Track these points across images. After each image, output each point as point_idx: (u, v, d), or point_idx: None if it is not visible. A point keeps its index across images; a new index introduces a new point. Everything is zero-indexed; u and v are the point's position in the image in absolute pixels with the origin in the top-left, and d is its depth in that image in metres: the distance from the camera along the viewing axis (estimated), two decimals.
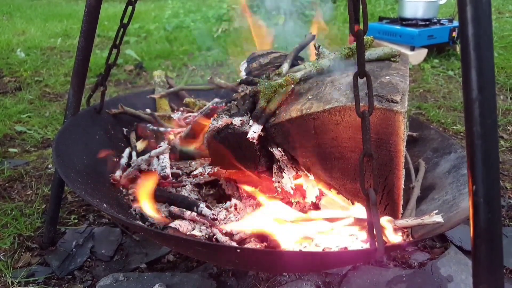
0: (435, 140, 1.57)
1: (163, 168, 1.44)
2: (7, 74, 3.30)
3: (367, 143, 0.83)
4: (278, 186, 1.22)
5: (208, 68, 3.72)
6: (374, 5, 5.76)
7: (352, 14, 0.82)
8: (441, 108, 2.68)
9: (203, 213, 1.24)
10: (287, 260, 0.99)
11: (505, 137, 2.26)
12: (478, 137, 0.71)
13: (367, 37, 1.40)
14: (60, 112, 2.62)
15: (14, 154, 2.11)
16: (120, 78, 3.42)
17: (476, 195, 0.73)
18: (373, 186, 0.85)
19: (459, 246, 1.40)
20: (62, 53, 4.05)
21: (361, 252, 1.03)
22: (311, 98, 1.19)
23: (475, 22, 0.70)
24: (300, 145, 1.18)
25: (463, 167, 1.34)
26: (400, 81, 1.17)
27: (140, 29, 5.02)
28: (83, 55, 1.38)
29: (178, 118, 1.76)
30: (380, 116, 1.05)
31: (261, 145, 1.24)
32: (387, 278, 1.26)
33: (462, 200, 1.17)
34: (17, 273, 1.31)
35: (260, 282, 1.26)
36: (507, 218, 1.59)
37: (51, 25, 5.19)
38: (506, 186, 1.80)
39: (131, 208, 1.33)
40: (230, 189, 1.43)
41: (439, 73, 3.32)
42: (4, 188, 1.80)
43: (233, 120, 1.23)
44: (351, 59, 1.36)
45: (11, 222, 1.55)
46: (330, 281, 1.27)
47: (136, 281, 1.24)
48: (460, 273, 1.26)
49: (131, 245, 1.45)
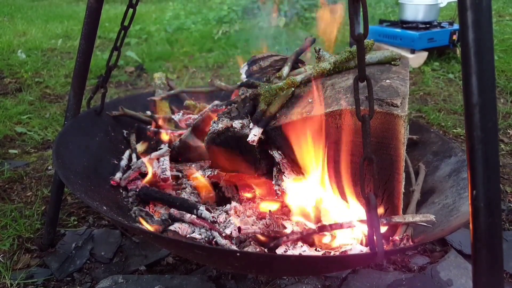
0: (435, 143, 1.57)
1: (163, 171, 1.44)
2: (8, 75, 3.30)
3: (368, 147, 0.83)
4: (278, 189, 1.22)
5: (209, 70, 3.73)
6: (374, 8, 5.76)
7: (353, 17, 0.83)
8: (441, 111, 2.68)
9: (203, 216, 1.24)
10: (286, 264, 0.98)
11: (506, 141, 2.26)
12: (479, 142, 0.71)
13: (367, 41, 1.40)
14: (60, 113, 2.62)
15: (14, 155, 2.11)
16: (120, 79, 3.43)
17: (476, 200, 0.73)
18: (373, 190, 0.85)
19: (459, 250, 1.40)
20: (62, 55, 4.05)
21: (361, 256, 1.03)
22: (311, 101, 1.19)
23: (476, 26, 0.70)
24: (300, 148, 1.18)
25: (463, 170, 1.34)
26: (401, 85, 1.17)
27: (141, 31, 5.03)
28: (84, 57, 1.38)
29: (179, 119, 1.76)
30: (381, 120, 1.05)
31: (261, 148, 1.24)
32: (387, 282, 1.25)
33: (462, 204, 1.17)
34: (16, 275, 1.31)
35: (260, 285, 1.26)
36: (507, 222, 1.59)
37: (52, 26, 5.20)
38: (507, 190, 1.80)
39: (130, 210, 1.33)
40: (230, 192, 1.43)
41: (440, 76, 3.33)
42: (4, 189, 1.80)
43: (233, 123, 1.23)
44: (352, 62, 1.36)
45: (11, 223, 1.55)
46: (329, 284, 1.27)
47: (136, 283, 1.23)
48: (460, 277, 1.26)
49: (130, 247, 1.45)
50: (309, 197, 1.23)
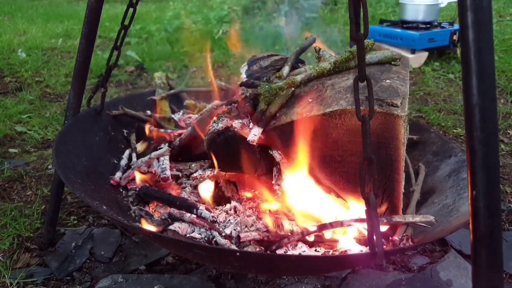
0: (435, 143, 1.57)
1: (163, 170, 1.44)
2: (8, 74, 3.30)
3: (367, 147, 0.83)
4: (278, 189, 1.22)
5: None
6: (375, 8, 5.76)
7: (353, 17, 0.82)
8: (441, 111, 2.68)
9: (203, 216, 1.24)
10: (286, 263, 0.99)
11: (506, 141, 2.26)
12: (479, 142, 0.71)
13: (367, 41, 1.40)
14: (60, 112, 2.62)
15: (14, 155, 2.11)
16: (121, 79, 3.42)
17: (476, 200, 0.73)
18: (373, 190, 0.85)
19: (459, 250, 1.40)
20: (63, 54, 4.05)
21: (360, 256, 1.03)
22: (311, 101, 1.19)
23: (476, 27, 0.70)
24: (300, 148, 1.18)
25: (463, 171, 1.34)
26: (401, 85, 1.17)
27: (141, 30, 5.03)
28: (84, 56, 1.38)
29: (179, 118, 1.76)
30: (381, 120, 1.05)
31: (261, 148, 1.24)
32: (387, 282, 1.25)
33: (462, 204, 1.17)
34: (16, 274, 1.31)
35: (260, 285, 1.26)
36: (507, 222, 1.59)
37: (52, 25, 5.20)
38: (507, 190, 1.80)
39: (130, 209, 1.33)
40: (229, 191, 1.43)
41: (440, 76, 3.33)
42: (4, 188, 1.80)
43: (233, 123, 1.23)
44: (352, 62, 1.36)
45: (11, 222, 1.55)
46: (329, 284, 1.27)
47: (135, 282, 1.23)
48: (460, 277, 1.26)
49: (130, 246, 1.45)
50: (309, 197, 1.24)
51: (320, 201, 1.24)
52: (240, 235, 1.12)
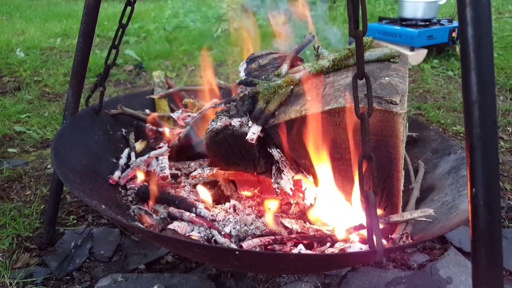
0: (434, 141, 1.57)
1: (162, 169, 1.44)
2: (7, 74, 3.30)
3: (367, 145, 0.83)
4: (277, 187, 1.22)
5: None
6: (373, 5, 5.76)
7: (352, 15, 0.82)
8: (440, 108, 2.68)
9: (202, 215, 1.24)
10: (286, 262, 0.98)
11: (505, 138, 2.26)
12: (478, 139, 0.71)
13: (366, 38, 1.39)
14: (59, 112, 2.62)
15: (13, 154, 2.11)
16: (119, 78, 3.42)
17: (476, 197, 0.72)
18: (372, 188, 0.85)
19: (459, 248, 1.40)
20: (61, 53, 4.05)
21: (360, 254, 1.03)
22: (310, 99, 1.19)
23: (475, 23, 0.69)
24: (299, 146, 1.17)
25: (463, 168, 1.34)
26: (400, 82, 1.17)
27: (140, 29, 5.02)
28: (82, 55, 1.38)
29: (178, 117, 1.75)
30: (380, 118, 1.05)
31: (260, 146, 1.24)
32: (387, 280, 1.25)
33: (461, 201, 1.17)
34: (16, 274, 1.31)
35: (259, 284, 1.26)
36: (507, 219, 1.59)
37: (50, 25, 5.19)
38: (506, 187, 1.80)
39: (129, 209, 1.33)
40: (229, 190, 1.43)
41: (439, 74, 3.32)
42: (3, 188, 1.80)
43: (232, 121, 1.23)
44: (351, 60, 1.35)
45: (10, 222, 1.55)
46: (329, 282, 1.27)
47: (135, 282, 1.23)
48: (460, 274, 1.26)
49: (130, 245, 1.44)
50: (309, 196, 1.23)
51: (321, 201, 1.24)
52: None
